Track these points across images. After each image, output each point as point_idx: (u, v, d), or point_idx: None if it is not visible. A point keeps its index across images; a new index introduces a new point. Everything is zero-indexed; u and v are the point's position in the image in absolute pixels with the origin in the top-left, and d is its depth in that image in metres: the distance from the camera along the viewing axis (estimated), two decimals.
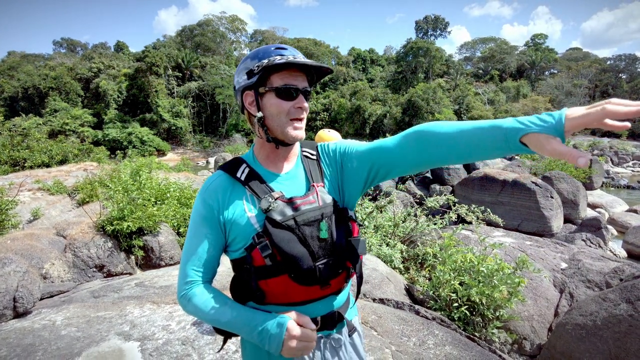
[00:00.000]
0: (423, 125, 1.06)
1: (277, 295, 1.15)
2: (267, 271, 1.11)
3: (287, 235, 1.11)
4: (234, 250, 1.18)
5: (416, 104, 42.80)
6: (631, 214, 14.81)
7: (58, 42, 71.31)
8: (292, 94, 1.14)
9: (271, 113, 1.15)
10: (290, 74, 1.15)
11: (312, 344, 1.10)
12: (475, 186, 14.19)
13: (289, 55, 1.14)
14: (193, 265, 1.16)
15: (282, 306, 1.16)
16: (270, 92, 1.14)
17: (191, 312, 1.15)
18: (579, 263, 5.67)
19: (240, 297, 1.19)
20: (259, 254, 1.10)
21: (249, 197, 1.17)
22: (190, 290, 1.15)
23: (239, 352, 2.77)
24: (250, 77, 1.14)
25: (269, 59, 1.11)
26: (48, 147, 13.90)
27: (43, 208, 8.15)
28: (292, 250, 1.10)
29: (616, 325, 3.25)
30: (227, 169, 1.20)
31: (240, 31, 60.72)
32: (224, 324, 1.12)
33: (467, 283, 4.18)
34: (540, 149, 0.83)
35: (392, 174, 1.18)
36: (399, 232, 6.85)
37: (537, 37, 69.70)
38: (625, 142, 44.72)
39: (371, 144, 1.21)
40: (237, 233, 1.15)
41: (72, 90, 44.33)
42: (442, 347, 2.86)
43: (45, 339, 2.96)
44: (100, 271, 5.60)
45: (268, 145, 1.23)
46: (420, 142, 1.05)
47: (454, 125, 0.99)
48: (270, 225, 1.10)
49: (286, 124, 1.15)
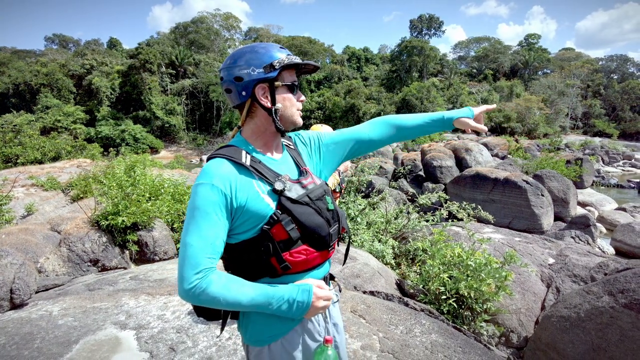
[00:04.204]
0: (388, 117, 1.60)
1: (299, 263, 1.28)
2: (290, 243, 1.25)
3: (307, 209, 1.28)
4: (245, 231, 1.24)
5: (410, 103, 43.02)
6: (620, 212, 15.05)
7: (50, 38, 70.65)
8: (295, 88, 1.35)
9: (285, 105, 1.32)
10: (292, 71, 1.36)
11: (330, 302, 1.31)
12: (467, 184, 14.34)
13: (295, 56, 1.33)
14: (205, 254, 1.14)
15: (299, 274, 1.31)
16: (284, 87, 1.31)
17: (205, 301, 1.14)
18: (565, 258, 5.80)
19: (251, 276, 1.26)
20: (281, 229, 1.23)
21: (258, 180, 1.26)
22: (204, 278, 1.13)
23: (232, 339, 2.85)
24: (269, 72, 1.26)
25: (286, 57, 1.29)
26: (41, 143, 13.85)
27: (37, 204, 8.17)
28: (314, 221, 1.29)
29: (598, 316, 3.35)
30: (229, 156, 1.26)
31: (234, 29, 60.56)
32: (245, 305, 1.18)
33: (455, 277, 4.28)
34: (464, 125, 1.55)
35: (362, 152, 1.57)
36: (391, 228, 6.96)
37: (530, 37, 70.18)
38: (616, 141, 45.25)
39: (345, 131, 1.56)
40: (251, 214, 1.22)
41: (64, 86, 43.92)
42: (428, 335, 2.96)
43: (42, 328, 3.02)
44: (94, 265, 5.64)
45: (270, 134, 1.36)
46: (391, 129, 1.56)
47: (413, 117, 1.58)
48: (290, 203, 1.25)
49: (295, 114, 1.36)
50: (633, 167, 31.91)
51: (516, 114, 44.79)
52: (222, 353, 2.70)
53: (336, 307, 1.55)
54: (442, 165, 17.77)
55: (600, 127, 53.24)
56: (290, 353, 1.30)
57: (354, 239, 6.11)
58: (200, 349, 2.75)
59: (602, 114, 56.51)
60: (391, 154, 25.23)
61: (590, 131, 53.16)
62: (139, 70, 44.76)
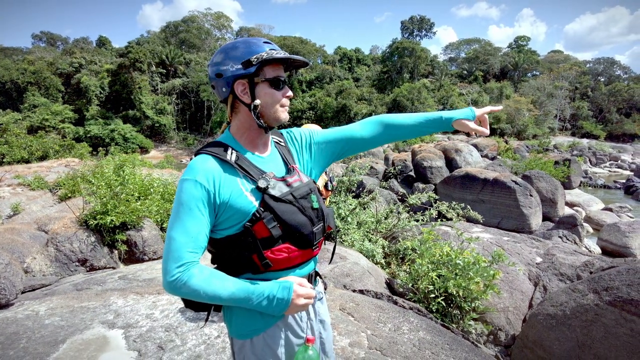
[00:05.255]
0: (382, 116, 1.53)
1: (281, 261, 1.28)
2: (272, 241, 1.25)
3: (290, 207, 1.28)
4: (228, 227, 1.25)
5: (401, 104, 43.22)
6: (606, 212, 15.31)
7: (37, 36, 69.61)
8: (280, 84, 1.31)
9: (266, 101, 1.30)
10: (277, 66, 1.31)
11: (312, 300, 1.30)
12: (457, 184, 14.46)
13: (279, 51, 1.30)
14: (188, 247, 1.16)
15: (280, 272, 1.31)
16: (265, 82, 1.28)
17: (186, 293, 1.17)
18: (552, 257, 5.88)
19: (234, 271, 1.28)
20: (263, 227, 1.23)
21: (243, 177, 1.27)
22: (185, 272, 1.15)
23: (220, 337, 2.85)
24: (247, 67, 1.24)
25: (266, 52, 1.25)
26: (27, 142, 13.68)
27: (23, 203, 8.06)
28: (296, 220, 1.28)
29: (583, 314, 3.40)
30: (214, 153, 1.27)
31: (225, 28, 60.38)
32: (225, 299, 1.19)
33: (444, 275, 4.31)
34: (464, 127, 1.47)
35: (354, 151, 1.53)
36: (381, 228, 6.99)
37: (520, 39, 70.86)
38: (603, 143, 45.94)
39: (338, 130, 1.52)
40: (235, 211, 1.23)
41: (52, 85, 43.31)
42: (416, 332, 2.99)
43: (29, 327, 2.99)
44: (82, 265, 5.59)
45: (254, 130, 1.35)
46: (385, 128, 1.51)
47: (409, 117, 1.51)
48: (272, 201, 1.25)
49: (279, 110, 1.33)
50: (619, 168, 32.44)
51: (506, 115, 45.25)
52: (210, 351, 2.69)
53: (324, 304, 1.55)
54: (432, 166, 17.89)
55: (588, 129, 54.01)
56: (272, 348, 1.31)
57: (345, 238, 6.13)
58: (189, 347, 2.75)
59: (589, 116, 57.31)
60: (382, 155, 25.35)
61: (578, 133, 53.90)
62: (129, 69, 44.34)
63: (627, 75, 68.55)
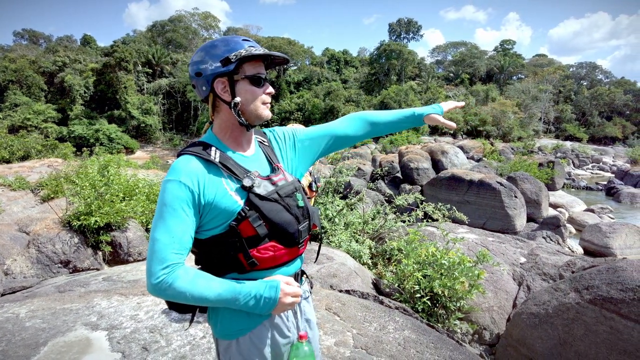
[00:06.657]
0: (362, 112, 1.62)
1: (267, 259, 1.28)
2: (258, 239, 1.25)
3: (275, 206, 1.28)
4: (213, 227, 1.24)
5: (389, 106, 43.47)
6: (589, 213, 15.64)
7: (19, 33, 68.03)
8: (260, 81, 1.30)
9: (247, 99, 1.29)
10: (257, 63, 1.31)
11: (299, 299, 1.31)
12: (443, 186, 14.59)
13: (258, 47, 1.29)
14: (172, 249, 1.15)
15: (267, 270, 1.31)
16: (245, 79, 1.28)
17: (172, 296, 1.15)
18: (536, 257, 5.98)
19: (219, 271, 1.27)
20: (248, 226, 1.22)
21: (227, 177, 1.26)
22: (171, 273, 1.13)
23: (205, 338, 2.83)
24: (226, 65, 1.23)
25: (245, 49, 1.24)
26: (8, 142, 13.40)
27: (4, 204, 7.88)
28: (282, 218, 1.28)
29: (565, 312, 3.46)
30: (197, 153, 1.26)
31: (213, 28, 59.97)
32: (211, 300, 1.18)
33: (430, 275, 4.35)
34: (434, 121, 1.59)
35: (337, 147, 1.58)
36: (368, 229, 7.02)
37: (506, 43, 71.96)
38: (586, 145, 46.82)
39: (320, 127, 1.56)
40: (220, 211, 1.22)
41: (34, 84, 42.38)
42: (401, 331, 3.01)
43: (8, 330, 2.93)
44: (65, 267, 5.50)
45: (237, 129, 1.34)
46: (366, 124, 1.59)
47: (387, 113, 1.62)
48: (258, 199, 1.25)
49: (260, 108, 1.32)
50: (601, 170, 33.15)
51: (491, 117, 45.83)
52: (196, 352, 2.67)
53: (310, 303, 1.55)
54: (418, 167, 18.04)
55: (571, 132, 55.01)
56: (259, 347, 1.30)
57: (332, 239, 6.13)
58: (174, 347, 2.72)
59: (572, 119, 58.37)
60: (369, 156, 25.48)
61: (562, 135, 54.83)
62: (114, 69, 43.72)
63: (608, 80, 70.03)
